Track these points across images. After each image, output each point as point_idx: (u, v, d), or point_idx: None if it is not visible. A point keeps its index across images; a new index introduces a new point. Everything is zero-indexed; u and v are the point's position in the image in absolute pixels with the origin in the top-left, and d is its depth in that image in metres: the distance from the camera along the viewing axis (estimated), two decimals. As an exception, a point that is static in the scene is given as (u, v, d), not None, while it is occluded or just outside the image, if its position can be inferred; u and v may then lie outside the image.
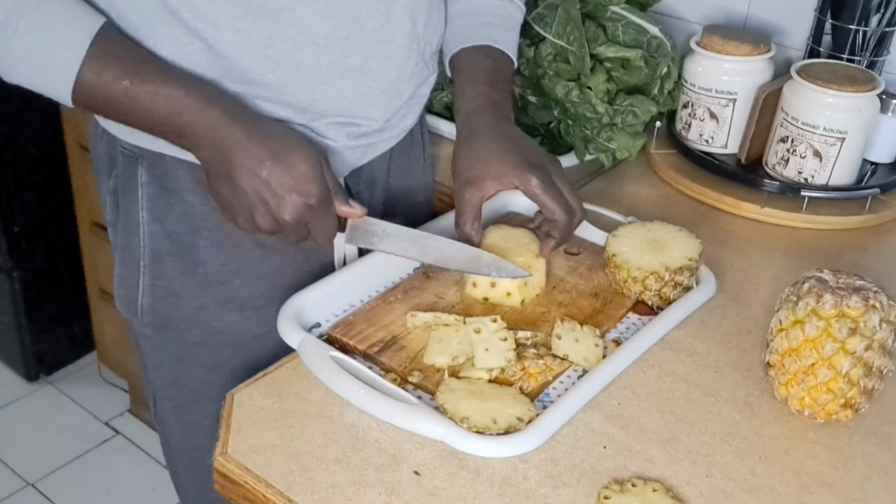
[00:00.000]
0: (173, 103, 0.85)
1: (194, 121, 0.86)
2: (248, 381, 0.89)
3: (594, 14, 1.34)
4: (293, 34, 0.90)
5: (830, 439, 0.87)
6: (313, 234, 0.92)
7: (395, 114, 1.03)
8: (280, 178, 0.87)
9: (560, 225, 0.97)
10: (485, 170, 0.98)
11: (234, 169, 0.87)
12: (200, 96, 0.86)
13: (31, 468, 2.11)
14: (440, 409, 0.84)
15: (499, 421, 0.83)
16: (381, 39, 0.96)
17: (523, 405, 0.85)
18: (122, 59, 0.85)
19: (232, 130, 0.86)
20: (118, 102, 0.85)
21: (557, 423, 0.85)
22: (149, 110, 0.86)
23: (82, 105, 0.86)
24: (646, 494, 0.78)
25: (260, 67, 0.91)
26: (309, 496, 0.77)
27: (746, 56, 1.31)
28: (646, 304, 1.02)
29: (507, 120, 1.03)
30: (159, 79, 0.86)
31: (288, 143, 0.88)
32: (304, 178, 0.88)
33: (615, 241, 1.03)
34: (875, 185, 1.28)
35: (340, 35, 0.93)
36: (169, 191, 0.99)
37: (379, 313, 0.97)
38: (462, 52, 1.07)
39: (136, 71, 0.85)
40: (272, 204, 0.88)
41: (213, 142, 0.87)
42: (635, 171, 1.37)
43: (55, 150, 2.04)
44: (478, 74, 1.06)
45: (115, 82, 0.84)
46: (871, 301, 0.84)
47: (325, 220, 0.91)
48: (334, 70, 0.94)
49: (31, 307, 2.21)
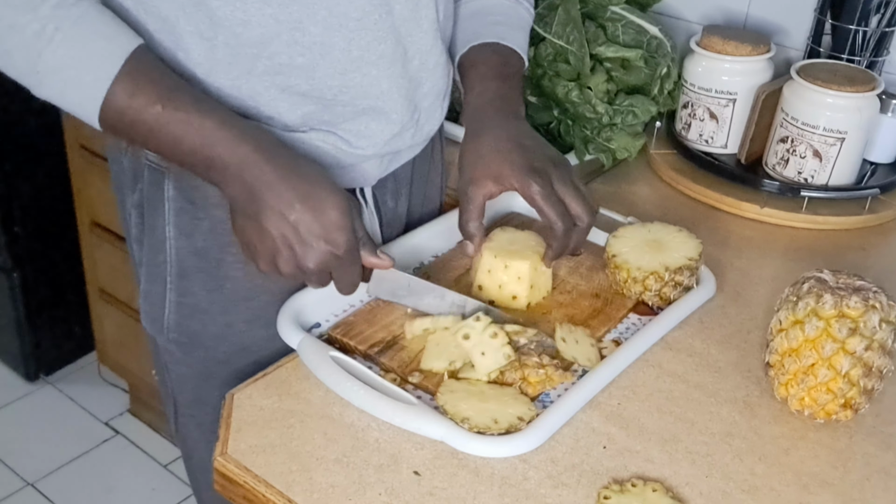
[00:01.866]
0: (205, 135, 0.83)
1: (225, 155, 0.83)
2: (248, 381, 0.89)
3: (594, 14, 1.34)
4: (323, 16, 0.88)
5: (830, 439, 0.87)
6: (336, 283, 0.89)
7: (421, 113, 1.01)
8: (309, 225, 0.84)
9: (557, 234, 0.94)
10: (487, 169, 0.96)
11: (261, 210, 0.84)
12: (234, 131, 0.83)
13: (31, 468, 2.11)
14: (440, 410, 0.84)
15: (500, 421, 0.83)
16: (408, 25, 0.94)
17: (524, 405, 0.85)
18: (156, 82, 0.82)
19: (264, 170, 0.83)
20: (148, 127, 0.82)
21: (557, 423, 0.85)
22: (179, 139, 0.83)
23: (109, 126, 0.83)
24: (646, 494, 0.78)
25: (289, 51, 0.89)
26: (309, 496, 0.77)
27: (746, 56, 1.31)
28: (646, 305, 1.02)
29: (515, 116, 1.01)
30: (193, 108, 0.83)
31: (321, 188, 0.85)
32: (333, 227, 0.84)
33: (615, 241, 1.03)
34: (875, 185, 1.28)
35: (371, 18, 0.90)
36: (196, 206, 0.97)
37: (379, 314, 0.97)
38: (471, 49, 1.06)
39: (171, 97, 0.82)
40: (298, 250, 0.85)
41: (243, 180, 0.83)
42: (635, 171, 1.37)
43: (55, 150, 2.04)
44: (486, 69, 1.04)
45: (147, 106, 0.81)
46: (870, 301, 0.84)
47: (351, 271, 0.89)
48: (364, 56, 0.92)
49: (31, 307, 2.21)
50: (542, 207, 0.94)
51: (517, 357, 0.89)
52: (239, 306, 1.01)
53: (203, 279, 1.00)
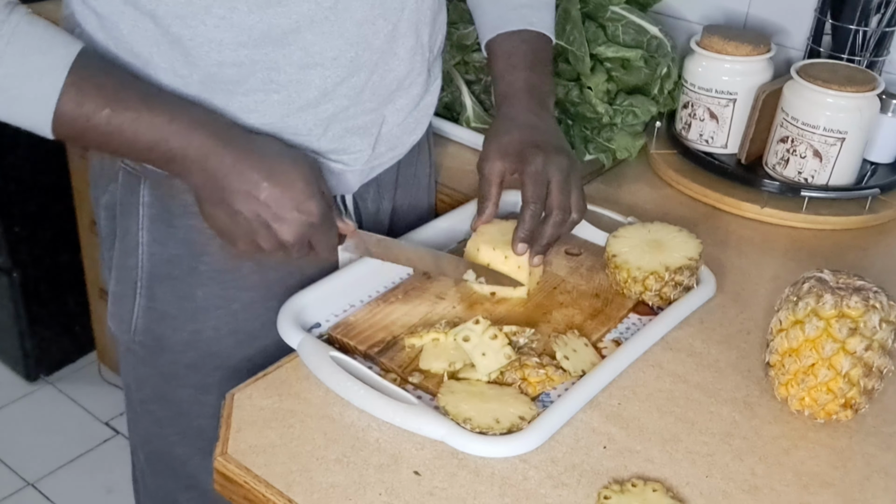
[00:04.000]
0: (158, 130, 0.82)
1: (182, 147, 0.83)
2: (248, 381, 0.89)
3: (594, 14, 1.34)
4: (298, 56, 0.88)
5: (830, 439, 0.87)
6: (316, 248, 0.91)
7: (395, 127, 1.02)
8: (279, 200, 0.85)
9: (525, 215, 0.96)
10: (500, 147, 0.99)
11: (229, 194, 0.84)
12: (186, 121, 0.83)
13: (31, 468, 2.11)
14: (441, 411, 0.84)
15: (501, 421, 0.83)
16: (385, 56, 0.95)
17: (525, 404, 0.85)
18: (102, 85, 0.81)
19: (222, 155, 0.83)
20: (100, 132, 0.81)
21: (557, 423, 0.85)
22: (132, 139, 0.82)
23: (64, 136, 0.82)
24: (646, 494, 0.78)
25: (265, 89, 0.89)
26: (309, 496, 0.77)
27: (746, 56, 1.31)
28: (646, 305, 1.02)
29: (540, 106, 1.04)
30: (142, 105, 0.82)
31: (282, 162, 0.86)
32: (303, 197, 0.86)
33: (615, 241, 1.03)
34: (875, 185, 1.28)
35: (347, 56, 0.91)
36: (172, 214, 0.97)
37: (379, 314, 0.97)
38: (499, 37, 1.07)
39: (118, 98, 0.81)
40: (274, 226, 0.86)
41: (204, 168, 0.84)
42: (635, 171, 1.37)
43: (55, 151, 2.04)
44: (515, 59, 1.05)
45: (95, 111, 0.80)
46: (871, 301, 0.84)
47: (328, 235, 0.90)
48: (338, 89, 0.92)
49: (31, 307, 2.21)
50: (525, 183, 0.96)
51: (517, 357, 0.89)
52: (209, 314, 1.01)
53: (174, 286, 1.00)
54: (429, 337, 0.92)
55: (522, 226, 0.97)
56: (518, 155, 0.97)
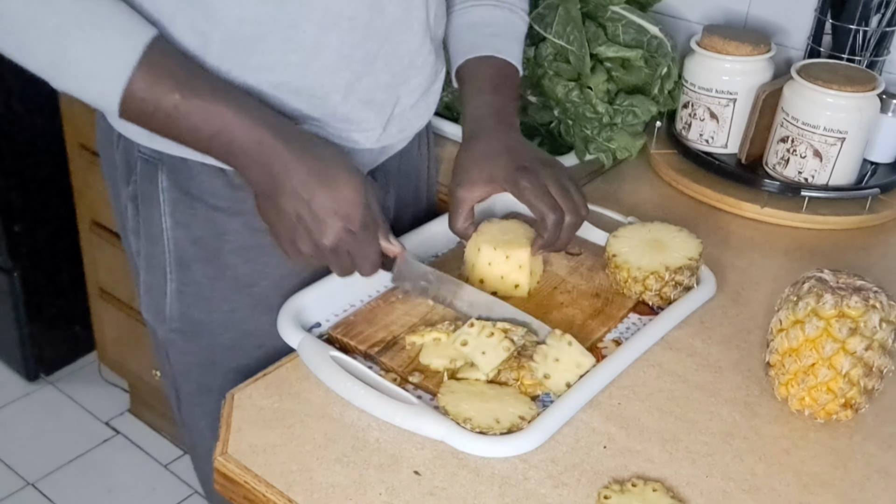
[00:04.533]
0: (223, 121, 0.84)
1: (243, 140, 0.85)
2: (248, 381, 0.89)
3: (594, 14, 1.34)
4: (318, 16, 0.90)
5: (831, 439, 0.87)
6: (355, 262, 0.91)
7: (408, 109, 1.03)
8: (322, 202, 0.86)
9: (548, 225, 0.96)
10: (478, 173, 0.99)
11: (278, 191, 0.86)
12: (252, 116, 0.85)
13: (31, 468, 2.11)
14: (441, 411, 0.84)
15: (501, 420, 0.83)
16: (398, 25, 0.96)
17: (525, 404, 0.85)
18: (174, 71, 0.84)
19: (281, 152, 0.85)
20: (167, 115, 0.84)
21: (558, 423, 0.85)
22: (197, 126, 0.84)
23: (130, 116, 0.85)
24: (646, 494, 0.78)
25: (283, 48, 0.90)
26: (309, 496, 0.77)
27: (746, 56, 1.31)
28: (646, 305, 1.02)
29: (508, 126, 1.04)
30: (211, 95, 0.84)
31: (335, 167, 0.87)
32: (346, 203, 0.87)
33: (615, 241, 1.03)
34: (875, 185, 1.28)
35: (363, 18, 0.92)
36: (191, 195, 0.98)
37: (380, 313, 0.97)
38: (468, 62, 1.08)
39: (188, 85, 0.84)
40: (313, 228, 0.87)
41: (261, 163, 0.86)
42: (635, 171, 1.37)
43: (55, 150, 2.04)
44: (482, 83, 1.07)
45: (165, 95, 0.83)
46: (871, 301, 0.84)
47: (368, 249, 0.90)
48: (355, 54, 0.94)
49: (31, 307, 2.21)
50: (531, 201, 0.96)
51: (516, 354, 0.90)
52: (241, 293, 1.02)
53: (203, 267, 1.01)
54: (430, 336, 0.92)
55: (548, 236, 0.97)
56: (502, 179, 0.97)
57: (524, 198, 0.96)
